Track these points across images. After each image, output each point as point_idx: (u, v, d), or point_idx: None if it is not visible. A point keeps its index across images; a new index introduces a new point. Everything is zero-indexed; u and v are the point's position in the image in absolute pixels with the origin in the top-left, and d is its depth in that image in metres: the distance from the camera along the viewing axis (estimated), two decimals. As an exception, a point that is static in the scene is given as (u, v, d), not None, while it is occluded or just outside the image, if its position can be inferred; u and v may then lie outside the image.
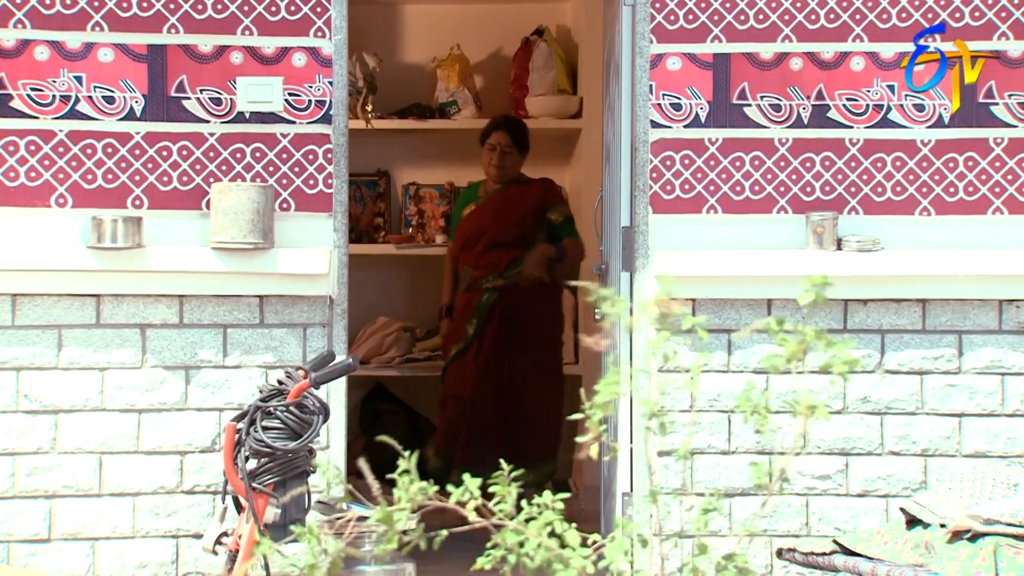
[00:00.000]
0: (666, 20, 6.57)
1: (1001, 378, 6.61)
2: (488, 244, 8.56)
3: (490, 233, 8.56)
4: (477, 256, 8.59)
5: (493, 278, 8.53)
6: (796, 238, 6.60)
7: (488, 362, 8.50)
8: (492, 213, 8.58)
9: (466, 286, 8.63)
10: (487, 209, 8.61)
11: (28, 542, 6.28)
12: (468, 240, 8.64)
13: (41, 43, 6.32)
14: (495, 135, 8.47)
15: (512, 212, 8.57)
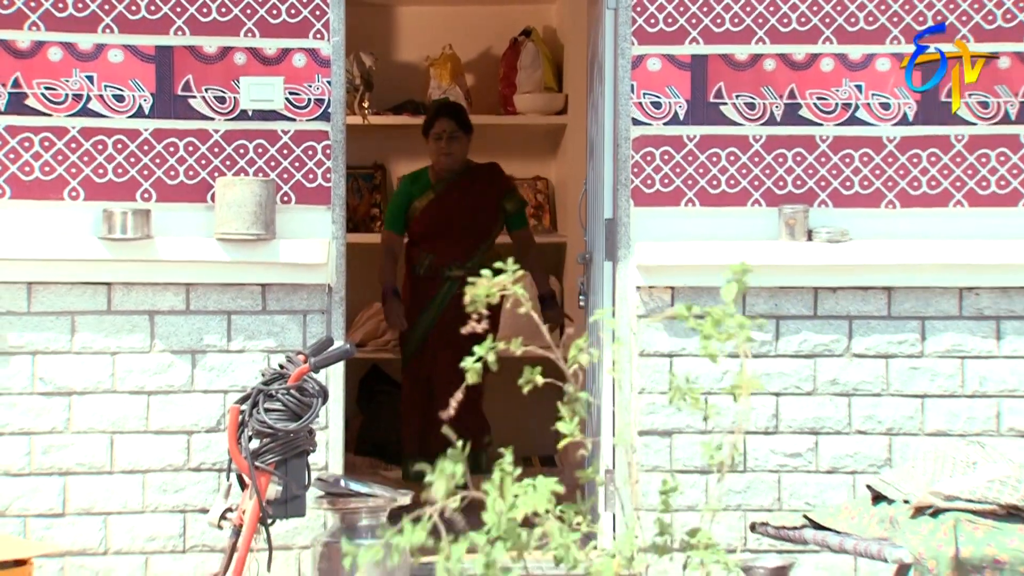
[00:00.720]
0: (647, 23, 6.59)
1: (961, 361, 6.66)
2: (458, 232, 8.14)
3: (459, 221, 8.15)
4: (443, 244, 8.13)
5: (457, 266, 8.03)
6: (769, 229, 6.62)
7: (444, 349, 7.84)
8: (457, 201, 8.21)
9: (425, 272, 8.18)
10: (451, 197, 8.22)
11: (43, 516, 6.31)
12: (432, 228, 8.18)
13: (54, 44, 6.34)
14: (439, 123, 8.12)
15: (479, 199, 8.25)
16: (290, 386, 5.57)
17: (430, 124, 8.12)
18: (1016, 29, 6.69)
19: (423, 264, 8.15)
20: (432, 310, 8.07)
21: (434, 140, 8.10)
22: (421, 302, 8.13)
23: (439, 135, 8.07)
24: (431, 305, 8.08)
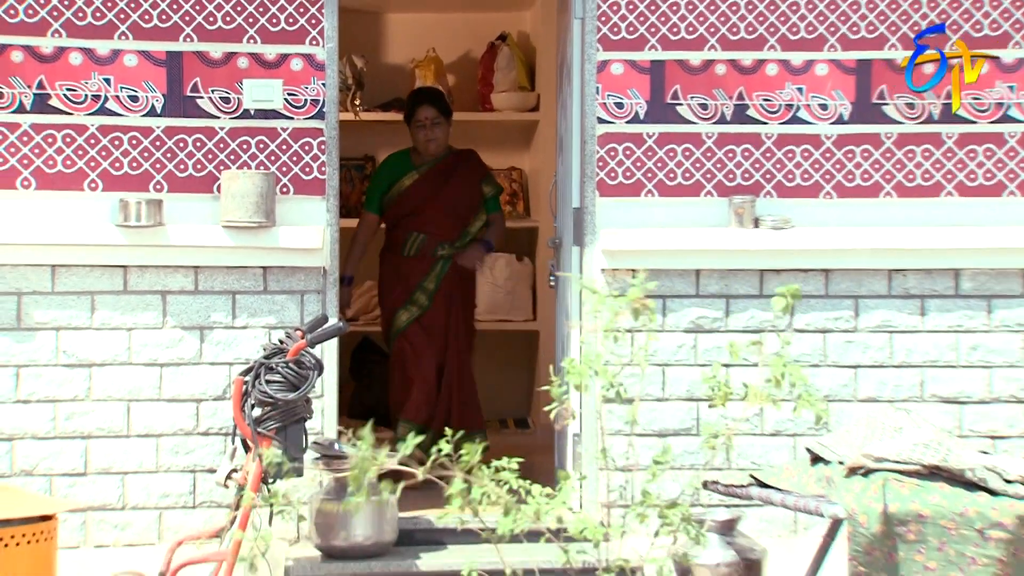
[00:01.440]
0: (610, 32, 6.58)
1: (889, 336, 6.70)
2: (445, 211, 7.60)
3: (449, 200, 7.61)
4: (432, 223, 7.56)
5: (448, 245, 7.59)
6: (720, 217, 6.63)
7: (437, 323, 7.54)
8: (443, 182, 7.63)
9: (415, 252, 7.58)
10: (437, 178, 7.63)
11: (67, 476, 6.31)
12: (419, 206, 7.56)
13: (75, 50, 6.31)
14: (422, 111, 7.57)
15: (462, 181, 7.70)
16: (289, 360, 5.59)
17: (412, 111, 7.63)
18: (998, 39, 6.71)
19: (414, 244, 7.59)
20: (430, 285, 7.55)
21: (417, 127, 7.59)
22: (412, 281, 7.56)
23: (422, 123, 7.57)
24: (425, 282, 7.56)
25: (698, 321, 6.61)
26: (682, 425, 6.57)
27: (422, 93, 7.83)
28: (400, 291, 7.58)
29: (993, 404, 6.72)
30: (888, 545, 4.89)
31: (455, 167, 7.67)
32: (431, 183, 7.59)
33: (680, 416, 6.57)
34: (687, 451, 6.53)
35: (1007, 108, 6.72)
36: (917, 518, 4.90)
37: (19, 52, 6.29)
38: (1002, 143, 6.72)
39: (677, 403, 6.57)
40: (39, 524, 5.32)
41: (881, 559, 4.90)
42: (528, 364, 9.44)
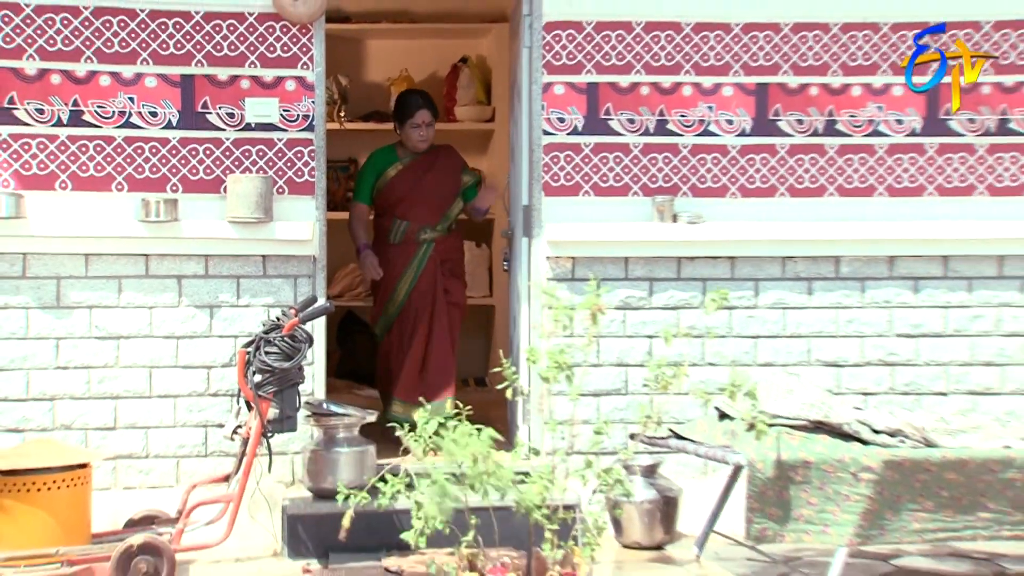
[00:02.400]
0: (553, 59, 6.62)
1: (783, 311, 6.77)
2: (428, 198, 7.16)
3: (431, 188, 7.17)
4: (416, 210, 7.14)
5: (430, 229, 7.16)
6: (645, 214, 6.66)
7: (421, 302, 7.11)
8: (427, 172, 7.20)
9: (401, 238, 7.15)
10: (420, 168, 7.21)
11: (99, 430, 6.34)
12: (406, 194, 7.14)
13: (104, 73, 6.32)
14: (421, 114, 7.11)
15: (443, 171, 7.27)
16: (284, 334, 5.64)
17: (411, 113, 7.12)
18: (822, 67, 6.78)
19: (398, 231, 7.18)
20: (411, 271, 7.14)
21: (412, 128, 7.11)
22: (399, 266, 7.16)
23: (418, 124, 7.11)
24: (410, 267, 7.14)
25: (627, 300, 6.67)
26: (613, 386, 6.64)
27: (420, 97, 7.29)
28: (389, 280, 7.15)
29: (865, 367, 6.81)
30: (780, 486, 4.99)
31: (435, 159, 7.26)
32: (414, 173, 7.20)
33: (611, 379, 6.64)
34: (617, 408, 6.61)
35: (877, 125, 6.80)
36: (803, 464, 5.00)
37: (57, 75, 6.29)
38: (873, 152, 6.80)
39: (609, 368, 6.63)
40: (77, 471, 5.40)
41: (773, 497, 5.00)
42: (486, 332, 9.49)
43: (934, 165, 6.85)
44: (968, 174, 6.86)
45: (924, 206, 6.83)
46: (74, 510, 5.39)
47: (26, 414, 6.31)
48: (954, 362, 6.87)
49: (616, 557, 5.87)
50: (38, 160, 6.32)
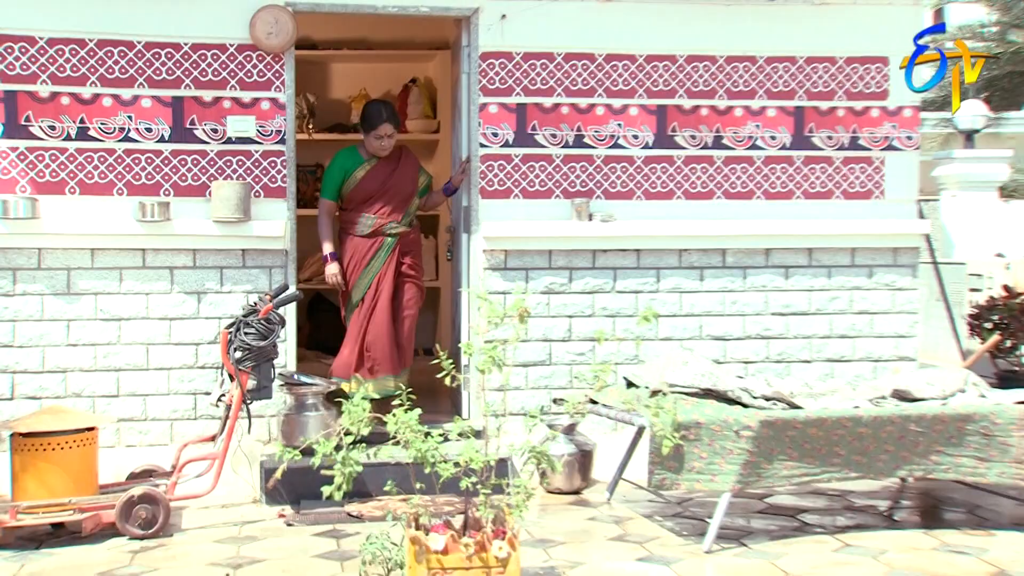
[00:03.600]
0: (488, 83, 6.63)
1: (680, 295, 6.84)
2: (392, 196, 6.71)
3: (395, 187, 6.72)
4: (382, 206, 6.69)
5: (396, 224, 6.71)
6: (565, 213, 6.70)
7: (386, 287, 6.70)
8: (391, 173, 6.74)
9: (369, 231, 6.70)
10: (384, 168, 6.74)
11: (104, 397, 6.31)
12: (373, 192, 6.69)
13: (106, 95, 6.26)
14: (384, 127, 6.64)
15: (406, 171, 6.81)
16: (260, 317, 5.60)
17: (374, 125, 6.65)
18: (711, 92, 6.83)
19: (367, 225, 6.70)
20: (377, 261, 6.70)
21: (376, 139, 6.65)
22: (367, 256, 6.72)
23: (381, 136, 6.65)
24: (376, 258, 6.71)
25: (550, 286, 6.71)
26: (538, 358, 6.69)
27: (384, 110, 6.76)
28: (356, 267, 6.74)
29: (746, 340, 6.91)
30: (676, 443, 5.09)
31: (398, 161, 6.81)
32: (381, 173, 6.73)
33: (537, 352, 6.68)
34: (542, 376, 6.66)
35: (755, 140, 6.88)
36: (696, 424, 5.05)
37: (67, 97, 6.24)
38: (752, 163, 6.88)
39: (536, 343, 6.67)
40: (85, 433, 5.35)
41: (671, 452, 5.03)
42: (433, 309, 9.43)
43: (800, 174, 6.95)
44: (827, 181, 6.98)
45: (793, 207, 6.94)
46: (84, 466, 5.36)
47: (42, 384, 6.27)
48: (816, 335, 6.99)
49: (541, 501, 5.92)
50: (50, 169, 6.26)
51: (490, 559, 3.23)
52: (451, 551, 3.25)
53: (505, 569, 3.23)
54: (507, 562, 3.23)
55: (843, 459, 5.19)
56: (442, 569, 3.24)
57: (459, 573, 3.24)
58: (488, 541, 3.24)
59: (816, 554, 4.99)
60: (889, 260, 7.04)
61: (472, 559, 3.23)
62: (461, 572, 3.24)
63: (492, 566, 3.23)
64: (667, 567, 4.78)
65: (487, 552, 3.23)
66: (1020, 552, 5.06)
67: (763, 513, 5.71)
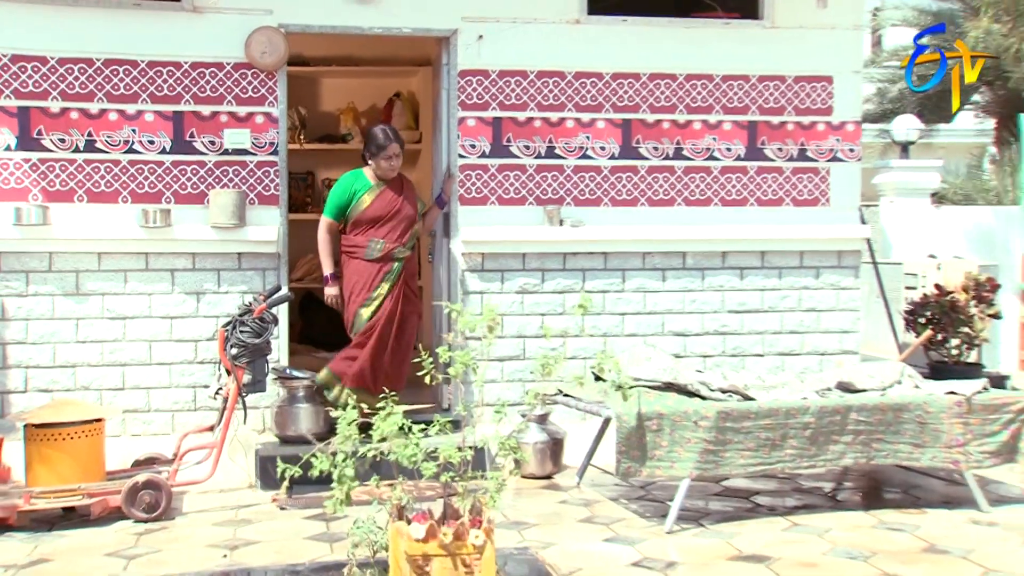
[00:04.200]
0: (466, 98, 6.62)
1: (643, 294, 6.84)
2: (400, 220, 6.19)
3: (402, 212, 6.21)
4: (390, 230, 6.18)
5: (403, 249, 6.18)
6: (538, 219, 6.69)
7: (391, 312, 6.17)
8: (398, 197, 6.25)
9: (380, 256, 6.15)
10: (391, 193, 6.25)
11: (111, 390, 6.27)
12: (383, 218, 6.18)
13: (112, 110, 6.22)
14: (392, 147, 6.18)
15: (409, 196, 6.31)
16: (255, 317, 5.56)
17: (384, 146, 6.17)
18: (672, 107, 6.82)
19: (375, 250, 6.16)
20: (386, 286, 6.15)
21: (385, 159, 6.16)
22: (376, 281, 6.18)
23: (390, 156, 6.17)
24: (385, 281, 6.16)
25: (524, 286, 6.70)
26: (514, 353, 6.67)
27: (391, 132, 6.31)
28: (362, 290, 6.21)
29: (704, 336, 6.93)
30: (640, 433, 5.03)
31: (401, 186, 6.34)
32: (388, 197, 6.23)
33: (512, 347, 6.67)
34: (517, 369, 6.65)
35: (712, 151, 6.89)
36: (658, 416, 5.04)
37: (75, 112, 6.19)
38: (710, 173, 6.90)
39: (511, 339, 6.66)
40: (93, 424, 5.33)
41: (635, 441, 5.03)
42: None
43: (754, 183, 6.96)
44: (778, 190, 6.99)
45: (747, 214, 6.95)
46: (92, 454, 5.33)
47: (53, 378, 6.22)
48: (768, 331, 7.01)
49: (516, 486, 5.89)
50: (60, 179, 6.21)
51: (467, 547, 3.21)
52: (431, 540, 3.22)
53: (481, 556, 3.21)
54: (483, 549, 3.21)
55: (795, 449, 5.20)
56: (423, 556, 3.21)
57: (438, 560, 3.22)
58: (465, 530, 3.21)
59: (768, 533, 5.00)
60: (834, 262, 7.06)
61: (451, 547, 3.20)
62: (440, 559, 3.21)
63: (469, 553, 3.21)
64: (632, 547, 4.78)
65: (465, 540, 3.20)
66: (948, 528, 5.10)
67: (719, 495, 5.72)
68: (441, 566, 3.20)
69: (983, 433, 5.38)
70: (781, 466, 5.20)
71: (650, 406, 5.09)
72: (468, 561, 3.19)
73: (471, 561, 3.20)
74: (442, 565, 3.20)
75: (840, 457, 5.25)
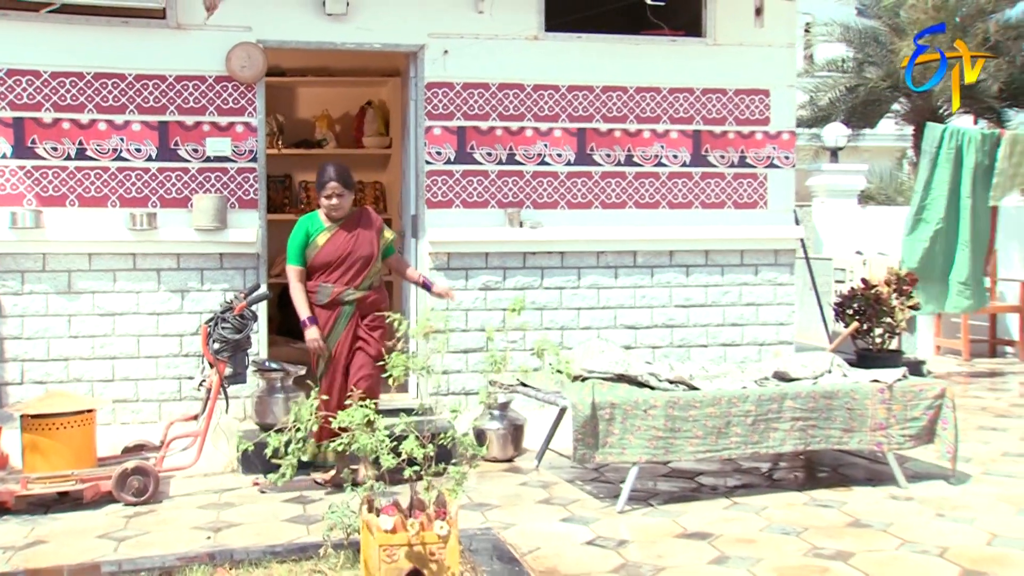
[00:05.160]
0: (432, 108, 6.56)
1: (597, 290, 6.83)
2: (352, 263, 5.50)
3: (355, 254, 5.50)
4: (341, 275, 5.50)
5: (352, 291, 5.49)
6: (499, 221, 6.66)
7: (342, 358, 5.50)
8: (351, 239, 5.52)
9: (328, 301, 5.49)
10: (342, 236, 5.51)
11: (101, 382, 6.19)
12: (333, 262, 5.49)
13: (102, 120, 6.12)
14: (330, 186, 5.44)
15: (366, 235, 5.55)
16: (235, 314, 5.50)
17: (323, 184, 5.48)
18: (623, 117, 6.80)
19: (324, 295, 5.50)
20: (337, 331, 5.50)
21: (325, 198, 5.48)
22: (326, 325, 5.50)
23: (329, 195, 5.45)
24: (337, 327, 5.49)
25: (487, 283, 6.67)
26: (477, 345, 6.64)
27: (334, 170, 5.52)
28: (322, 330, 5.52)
29: (653, 328, 6.92)
30: (594, 421, 5.02)
31: (357, 225, 5.58)
32: (340, 239, 5.53)
33: (476, 340, 6.64)
34: (479, 360, 6.57)
35: (660, 158, 6.88)
36: (611, 405, 5.04)
37: (67, 122, 6.09)
38: (658, 178, 6.88)
39: (474, 332, 6.63)
40: (85, 414, 5.29)
41: (590, 429, 5.03)
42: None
43: (698, 187, 6.97)
44: (720, 193, 7.01)
45: (692, 216, 6.96)
46: (84, 442, 5.28)
47: (47, 371, 6.13)
48: (711, 324, 7.03)
49: (480, 469, 5.88)
50: (53, 185, 6.11)
51: (433, 537, 3.19)
52: (399, 530, 3.20)
53: (446, 545, 3.19)
54: (447, 539, 3.18)
55: (740, 437, 5.21)
56: (391, 546, 3.18)
57: (406, 549, 3.19)
58: (430, 521, 3.19)
59: (710, 511, 5.02)
60: (771, 260, 7.10)
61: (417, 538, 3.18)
62: (407, 548, 3.18)
63: (434, 543, 3.18)
64: (586, 526, 4.78)
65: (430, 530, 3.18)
66: (871, 504, 5.16)
67: (667, 476, 5.73)
68: (408, 555, 3.18)
69: (905, 418, 5.43)
70: (727, 453, 5.21)
71: (603, 396, 5.09)
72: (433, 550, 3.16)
73: (436, 550, 3.17)
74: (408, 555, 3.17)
75: (781, 444, 5.28)
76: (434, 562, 3.15)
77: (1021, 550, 4.43)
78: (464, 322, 6.57)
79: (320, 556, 4.08)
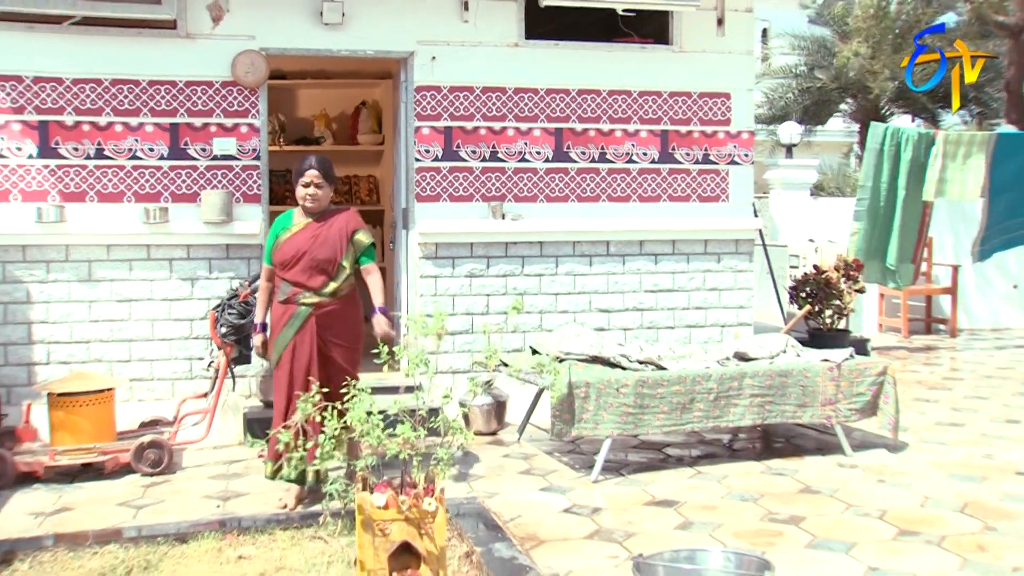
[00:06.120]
0: (421, 110, 6.52)
1: (573, 277, 6.80)
2: (308, 264, 4.77)
3: (310, 254, 4.77)
4: (297, 274, 4.77)
5: (309, 295, 4.76)
6: (483, 213, 6.61)
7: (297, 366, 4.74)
8: (309, 238, 4.80)
9: (284, 298, 4.80)
10: (304, 234, 4.82)
11: (119, 362, 6.14)
12: (288, 261, 4.79)
13: (118, 123, 6.06)
14: (308, 174, 4.83)
15: (327, 237, 4.81)
16: (241, 300, 5.51)
17: (302, 172, 4.87)
18: (596, 118, 6.78)
19: (284, 292, 4.81)
20: (289, 331, 4.74)
21: (303, 186, 4.85)
22: (279, 325, 4.81)
23: (307, 183, 4.83)
24: (288, 327, 4.75)
25: (472, 271, 6.65)
26: (463, 328, 6.62)
27: (316, 157, 4.94)
28: (273, 333, 4.87)
29: (624, 312, 6.91)
30: (570, 399, 5.05)
31: (330, 226, 4.87)
32: (301, 239, 4.83)
33: (462, 323, 6.62)
34: (466, 342, 6.60)
35: (631, 156, 6.87)
36: (586, 384, 5.08)
37: (87, 125, 6.03)
38: (629, 174, 6.87)
39: (460, 316, 6.61)
40: (106, 392, 5.33)
41: (567, 406, 5.06)
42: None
43: (666, 182, 6.97)
44: (687, 188, 7.02)
45: (661, 209, 6.96)
46: (104, 417, 5.32)
47: (71, 352, 6.09)
48: (678, 307, 7.05)
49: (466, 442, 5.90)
50: (74, 182, 6.06)
51: (422, 512, 3.20)
52: (391, 507, 3.21)
53: (434, 520, 3.20)
54: (435, 514, 3.20)
55: (703, 412, 5.25)
56: (384, 521, 3.20)
57: (397, 523, 3.21)
58: (420, 498, 3.21)
59: (676, 480, 5.07)
60: (732, 249, 7.11)
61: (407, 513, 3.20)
62: (399, 523, 3.20)
63: (423, 518, 3.20)
64: (563, 495, 4.81)
65: (420, 507, 3.20)
66: (820, 471, 5.23)
67: (636, 448, 5.78)
68: (399, 529, 3.19)
69: (851, 393, 5.49)
70: (691, 426, 5.26)
71: (579, 376, 5.12)
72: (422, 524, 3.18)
73: (425, 524, 3.19)
74: (400, 528, 3.19)
75: (740, 418, 5.33)
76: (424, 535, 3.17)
77: (950, 511, 4.51)
78: (451, 307, 6.56)
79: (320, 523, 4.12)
